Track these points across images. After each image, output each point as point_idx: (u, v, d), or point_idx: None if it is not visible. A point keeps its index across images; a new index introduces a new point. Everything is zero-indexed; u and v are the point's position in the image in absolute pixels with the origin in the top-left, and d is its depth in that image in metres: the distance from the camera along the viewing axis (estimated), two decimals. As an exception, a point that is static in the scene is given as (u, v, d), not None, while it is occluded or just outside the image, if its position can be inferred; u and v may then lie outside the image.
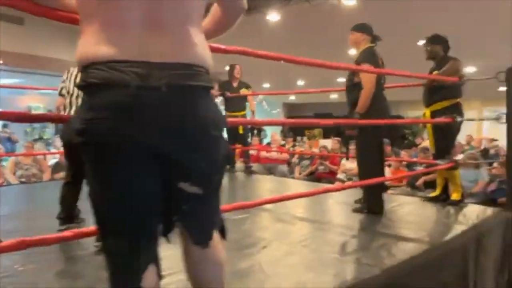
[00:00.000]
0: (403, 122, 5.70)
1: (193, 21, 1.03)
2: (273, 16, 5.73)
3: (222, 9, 1.17)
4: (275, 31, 6.37)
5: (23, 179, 5.40)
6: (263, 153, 7.60)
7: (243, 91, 5.16)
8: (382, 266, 1.88)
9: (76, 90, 2.34)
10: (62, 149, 2.84)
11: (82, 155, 0.99)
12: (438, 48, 3.31)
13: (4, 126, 9.02)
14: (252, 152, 7.27)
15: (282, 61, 2.05)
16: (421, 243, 2.28)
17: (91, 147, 0.96)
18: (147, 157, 0.97)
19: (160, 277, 1.06)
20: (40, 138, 9.55)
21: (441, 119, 3.15)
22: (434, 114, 3.25)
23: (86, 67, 0.96)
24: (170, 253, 1.20)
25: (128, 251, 0.99)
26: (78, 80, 1.70)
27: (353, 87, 2.99)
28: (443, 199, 3.38)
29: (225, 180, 4.83)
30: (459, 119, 3.12)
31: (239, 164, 6.20)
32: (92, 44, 0.96)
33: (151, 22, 0.97)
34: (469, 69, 8.80)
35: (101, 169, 0.98)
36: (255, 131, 11.66)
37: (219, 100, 5.89)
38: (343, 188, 3.05)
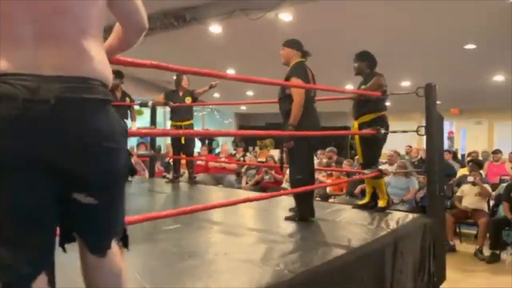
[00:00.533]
0: (332, 133, 5.98)
1: (90, 35, 1.07)
2: (215, 28, 5.83)
3: (123, 28, 1.22)
4: (217, 42, 6.50)
5: None
6: (212, 163, 7.60)
7: (187, 100, 5.18)
8: (297, 271, 1.97)
9: None
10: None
11: None
12: (364, 65, 3.51)
13: None
14: (200, 162, 7.27)
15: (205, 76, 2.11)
16: (341, 248, 2.42)
17: None
18: (35, 169, 0.99)
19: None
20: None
21: (366, 131, 3.35)
22: (361, 126, 3.45)
23: None
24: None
25: (15, 262, 1.00)
26: None
27: (284, 99, 3.12)
28: (371, 206, 3.57)
29: (168, 190, 4.88)
30: (383, 131, 3.33)
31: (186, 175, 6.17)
32: None
33: (45, 35, 1.00)
34: (404, 83, 9.35)
35: None
36: (206, 141, 11.65)
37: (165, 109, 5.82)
38: (271, 197, 3.16)
